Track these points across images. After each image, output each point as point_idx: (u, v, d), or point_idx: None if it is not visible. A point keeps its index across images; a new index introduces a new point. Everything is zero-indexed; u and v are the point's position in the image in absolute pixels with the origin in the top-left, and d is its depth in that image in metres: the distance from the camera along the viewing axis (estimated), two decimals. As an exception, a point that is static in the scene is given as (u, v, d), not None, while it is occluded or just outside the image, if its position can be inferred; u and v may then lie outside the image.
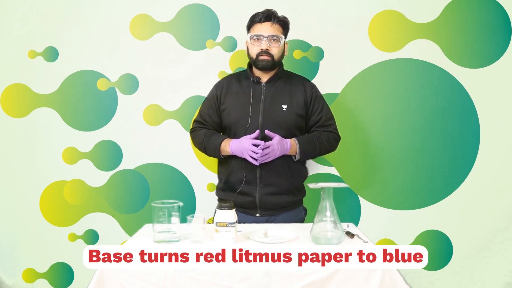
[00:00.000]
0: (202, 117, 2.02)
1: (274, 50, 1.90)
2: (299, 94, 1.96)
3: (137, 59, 2.33)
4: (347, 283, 1.34)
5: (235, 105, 1.94)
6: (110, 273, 1.35)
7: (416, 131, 2.35)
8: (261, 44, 1.89)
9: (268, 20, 1.89)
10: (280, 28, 1.92)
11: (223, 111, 1.97)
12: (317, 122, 1.99)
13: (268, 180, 1.90)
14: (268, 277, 1.34)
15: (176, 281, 1.34)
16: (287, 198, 1.94)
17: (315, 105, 1.98)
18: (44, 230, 2.37)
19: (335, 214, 1.54)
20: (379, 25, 2.31)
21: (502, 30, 2.30)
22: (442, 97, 2.34)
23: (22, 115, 2.36)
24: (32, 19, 2.32)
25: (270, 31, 1.89)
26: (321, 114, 1.99)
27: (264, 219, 1.92)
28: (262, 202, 1.91)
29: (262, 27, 1.90)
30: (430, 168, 2.35)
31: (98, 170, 2.37)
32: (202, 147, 1.98)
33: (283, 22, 1.93)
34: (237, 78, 2.01)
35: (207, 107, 2.01)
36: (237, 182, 1.91)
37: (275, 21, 1.90)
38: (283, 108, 1.92)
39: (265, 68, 1.92)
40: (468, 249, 2.36)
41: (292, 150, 1.89)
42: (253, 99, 1.92)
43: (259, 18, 1.90)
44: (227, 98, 1.97)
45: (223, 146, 1.90)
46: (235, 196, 1.89)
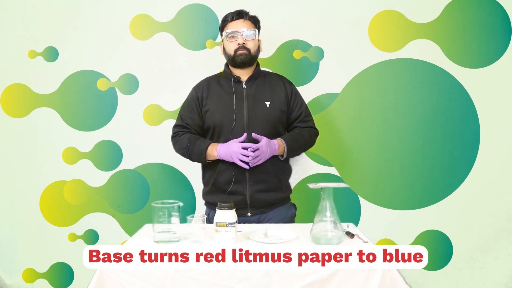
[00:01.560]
0: (183, 120, 1.98)
1: (250, 44, 1.92)
2: (280, 90, 1.98)
3: (137, 59, 2.34)
4: (347, 283, 1.34)
5: (218, 106, 1.94)
6: (110, 273, 1.35)
7: (416, 131, 2.35)
8: (237, 40, 1.91)
9: (240, 18, 1.94)
10: (252, 24, 1.95)
11: (206, 112, 1.95)
12: (297, 118, 2.01)
13: (258, 178, 1.90)
14: (268, 277, 1.34)
15: (176, 281, 1.34)
16: (276, 194, 1.94)
17: (295, 100, 2.01)
18: (44, 230, 2.37)
19: (335, 214, 1.54)
20: (379, 25, 2.31)
21: (502, 30, 2.30)
22: (442, 97, 2.33)
23: (22, 115, 2.36)
24: (32, 19, 2.32)
25: (243, 26, 1.93)
26: (301, 109, 2.01)
27: (255, 218, 1.92)
28: (253, 200, 1.90)
29: (235, 24, 1.93)
30: (430, 168, 2.35)
31: (98, 170, 2.37)
32: (186, 152, 1.94)
33: (254, 19, 1.97)
34: (216, 79, 2.01)
35: (188, 110, 1.99)
36: (226, 182, 1.90)
37: (247, 18, 1.95)
38: (266, 104, 1.93)
39: (243, 64, 1.93)
40: (468, 249, 2.36)
41: (280, 149, 1.90)
42: (236, 98, 1.93)
43: (231, 17, 1.95)
44: (208, 99, 1.96)
45: (209, 150, 1.88)
46: (225, 197, 1.89)
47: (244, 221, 1.88)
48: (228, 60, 1.97)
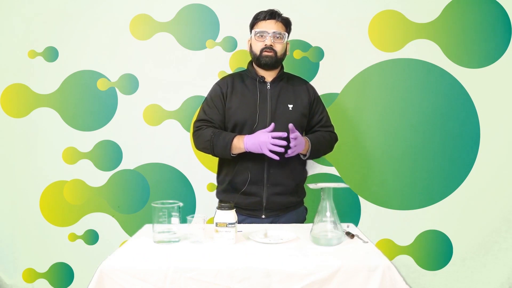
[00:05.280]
0: (207, 115, 1.93)
1: (277, 47, 1.90)
2: (303, 94, 1.97)
3: (137, 59, 2.33)
4: (347, 283, 1.34)
5: (242, 104, 1.91)
6: (110, 273, 1.35)
7: (416, 131, 2.35)
8: (265, 40, 1.90)
9: (272, 18, 1.91)
10: (283, 26, 1.93)
11: (228, 109, 1.93)
12: (319, 122, 2.01)
13: (276, 180, 1.89)
14: (268, 277, 1.34)
15: (176, 281, 1.33)
16: (292, 198, 1.94)
17: (317, 105, 2.01)
18: (44, 230, 2.37)
19: (335, 214, 1.54)
20: (379, 25, 2.31)
21: (502, 30, 2.30)
22: (442, 97, 2.34)
23: (22, 115, 2.36)
24: (32, 19, 2.32)
25: (274, 27, 1.90)
26: (323, 114, 2.01)
27: (269, 221, 1.91)
28: (269, 202, 1.89)
29: (266, 24, 1.91)
30: (430, 168, 2.35)
31: (98, 170, 2.37)
32: (209, 145, 1.85)
33: (286, 21, 1.95)
34: (240, 77, 1.99)
35: (212, 105, 1.95)
36: (242, 182, 1.89)
37: (279, 19, 1.92)
38: (289, 107, 1.92)
39: (267, 65, 1.91)
40: (468, 249, 2.36)
41: (305, 147, 1.88)
42: (260, 99, 1.92)
43: (263, 16, 1.92)
44: (232, 96, 1.93)
45: (235, 142, 1.81)
46: (239, 197, 1.88)
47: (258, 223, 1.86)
48: (254, 59, 1.95)
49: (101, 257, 1.43)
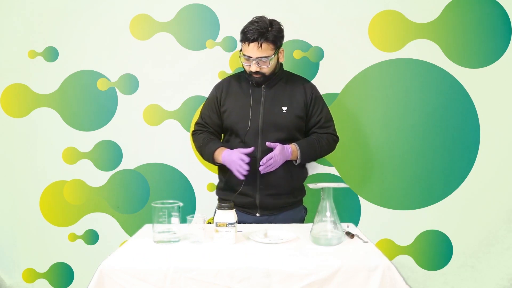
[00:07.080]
0: (203, 119, 2.01)
1: (264, 69, 1.86)
2: (299, 95, 1.95)
3: (137, 59, 2.33)
4: (347, 283, 1.34)
5: (235, 107, 1.93)
6: (110, 273, 1.35)
7: (416, 131, 2.35)
8: (250, 65, 1.84)
9: (254, 41, 1.79)
10: (270, 45, 1.81)
11: (224, 112, 1.95)
12: (316, 124, 1.98)
13: (268, 182, 1.89)
14: (268, 277, 1.34)
15: (176, 281, 1.33)
16: (287, 198, 1.94)
17: (315, 106, 1.97)
18: (44, 230, 2.37)
19: (335, 214, 1.54)
20: (379, 25, 2.31)
21: (502, 30, 2.30)
22: (442, 97, 2.33)
23: (22, 115, 2.36)
24: (32, 19, 2.32)
25: (257, 53, 1.80)
26: (321, 115, 1.98)
27: (264, 218, 1.92)
28: (262, 203, 1.91)
29: (249, 49, 1.81)
30: (430, 168, 2.35)
31: (98, 170, 2.37)
32: (199, 152, 2.00)
33: (274, 37, 1.81)
34: (237, 79, 2.00)
35: (207, 108, 2.00)
36: (237, 183, 1.90)
37: (262, 40, 1.78)
38: (283, 110, 1.91)
39: (259, 84, 1.91)
40: (468, 249, 2.36)
41: (294, 155, 1.89)
42: (253, 101, 1.91)
43: (246, 38, 1.80)
44: (227, 99, 1.95)
45: (216, 154, 1.89)
46: (235, 196, 1.89)
47: (253, 220, 1.90)
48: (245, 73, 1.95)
49: (101, 257, 1.44)
